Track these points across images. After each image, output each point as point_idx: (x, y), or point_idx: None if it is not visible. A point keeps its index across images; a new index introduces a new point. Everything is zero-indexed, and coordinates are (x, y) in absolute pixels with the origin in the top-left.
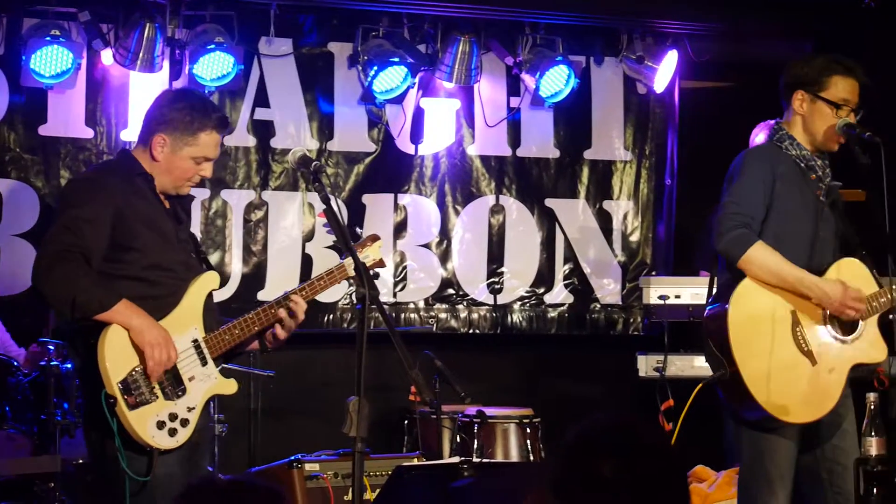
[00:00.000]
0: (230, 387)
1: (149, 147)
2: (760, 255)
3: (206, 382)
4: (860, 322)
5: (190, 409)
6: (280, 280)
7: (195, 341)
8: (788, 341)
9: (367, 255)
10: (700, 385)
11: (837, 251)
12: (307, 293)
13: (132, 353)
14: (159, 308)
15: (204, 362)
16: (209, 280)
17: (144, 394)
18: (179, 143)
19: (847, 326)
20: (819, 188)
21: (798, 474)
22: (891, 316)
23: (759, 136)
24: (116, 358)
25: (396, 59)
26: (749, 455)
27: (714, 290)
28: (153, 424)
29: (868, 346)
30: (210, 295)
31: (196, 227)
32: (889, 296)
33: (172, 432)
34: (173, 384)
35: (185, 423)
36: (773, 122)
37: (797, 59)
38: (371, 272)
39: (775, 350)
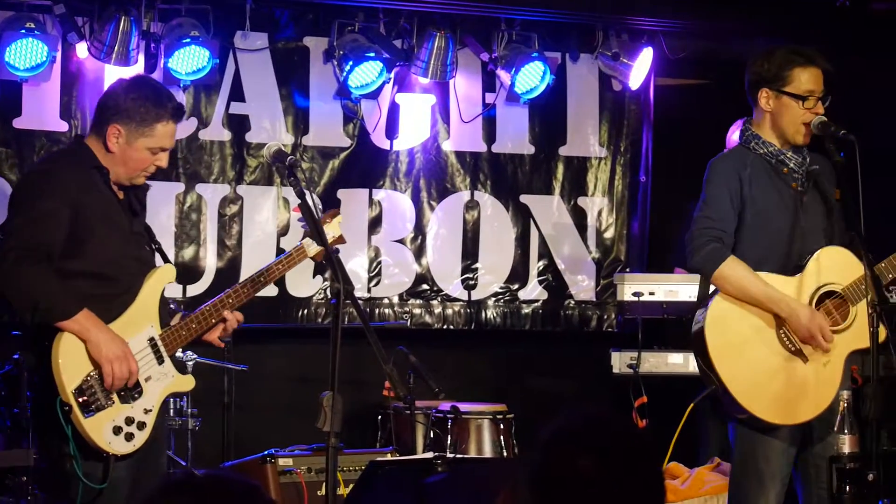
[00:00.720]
0: (188, 383)
1: (103, 137)
2: (731, 272)
3: (163, 381)
4: (851, 307)
5: (147, 412)
6: None
7: (151, 339)
8: (774, 345)
9: (328, 232)
10: (692, 405)
11: (830, 235)
12: (266, 278)
13: (86, 359)
14: (115, 306)
15: (161, 361)
16: (165, 274)
17: (100, 399)
18: (135, 133)
19: (841, 314)
20: (795, 180)
21: (792, 469)
22: (868, 310)
23: (735, 134)
24: (71, 364)
25: (372, 55)
26: (742, 452)
27: (705, 296)
28: (109, 430)
29: (862, 331)
30: (164, 288)
31: (171, 221)
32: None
33: (129, 437)
34: (130, 387)
35: (141, 426)
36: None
37: (756, 56)
38: (333, 248)
39: (761, 358)
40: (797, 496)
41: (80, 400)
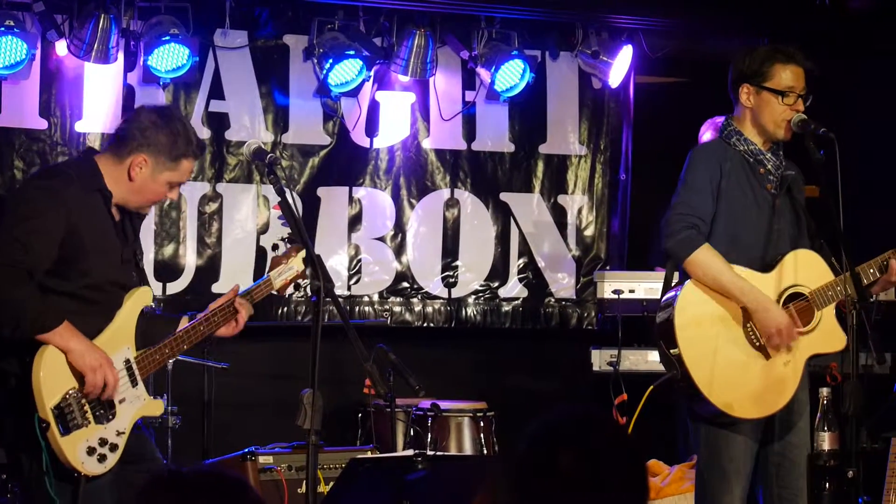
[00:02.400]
0: (157, 408)
1: (125, 164)
2: (705, 260)
3: (135, 404)
4: (816, 312)
5: (119, 434)
6: (234, 272)
7: (127, 361)
8: (739, 338)
9: (292, 266)
10: (652, 386)
11: (797, 241)
12: (236, 308)
13: (66, 377)
14: (93, 325)
15: (134, 383)
16: (143, 296)
17: (77, 418)
18: (161, 167)
19: (803, 317)
20: (770, 181)
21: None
22: (844, 309)
23: (706, 134)
24: (51, 381)
25: (352, 52)
26: (706, 450)
27: (669, 285)
28: (83, 450)
29: (825, 335)
30: (142, 311)
31: (150, 220)
32: (845, 285)
33: (102, 458)
34: (105, 408)
35: (114, 448)
36: (721, 118)
37: (739, 53)
38: (293, 284)
39: (725, 349)
40: (756, 495)
41: (58, 417)
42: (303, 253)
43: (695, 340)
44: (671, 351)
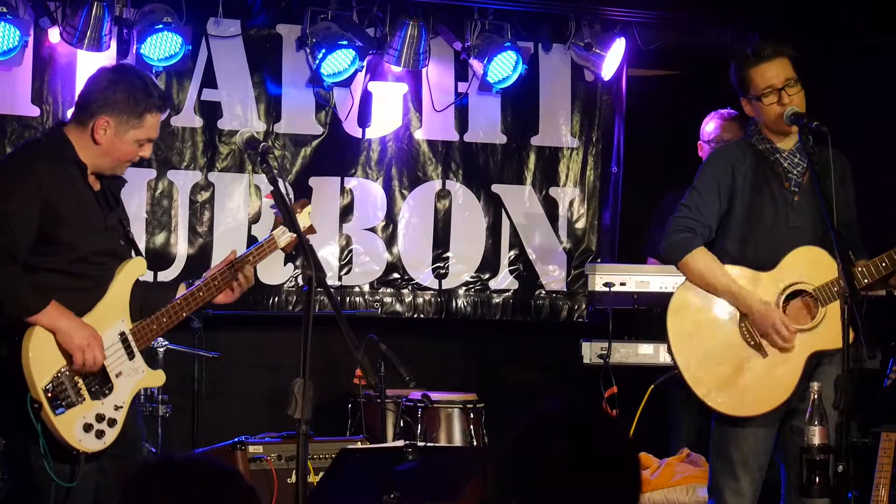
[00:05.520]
0: (158, 379)
1: (89, 129)
2: (696, 263)
3: (134, 377)
4: (820, 308)
5: (117, 408)
6: None
7: (122, 334)
8: (735, 337)
9: (298, 222)
10: (652, 387)
11: (820, 238)
12: (238, 270)
13: (57, 355)
14: (85, 300)
15: (131, 356)
16: (136, 267)
17: (71, 396)
18: (125, 125)
19: (805, 314)
20: (788, 180)
21: (771, 460)
22: (840, 303)
23: (709, 125)
24: (41, 360)
25: (345, 42)
26: (716, 441)
27: None
28: (80, 427)
29: (829, 332)
30: (137, 282)
31: (142, 208)
32: (856, 279)
33: (100, 434)
34: (100, 383)
35: (112, 422)
36: (724, 111)
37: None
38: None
39: (719, 349)
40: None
41: (51, 397)
42: (309, 208)
43: (686, 340)
44: (668, 350)
